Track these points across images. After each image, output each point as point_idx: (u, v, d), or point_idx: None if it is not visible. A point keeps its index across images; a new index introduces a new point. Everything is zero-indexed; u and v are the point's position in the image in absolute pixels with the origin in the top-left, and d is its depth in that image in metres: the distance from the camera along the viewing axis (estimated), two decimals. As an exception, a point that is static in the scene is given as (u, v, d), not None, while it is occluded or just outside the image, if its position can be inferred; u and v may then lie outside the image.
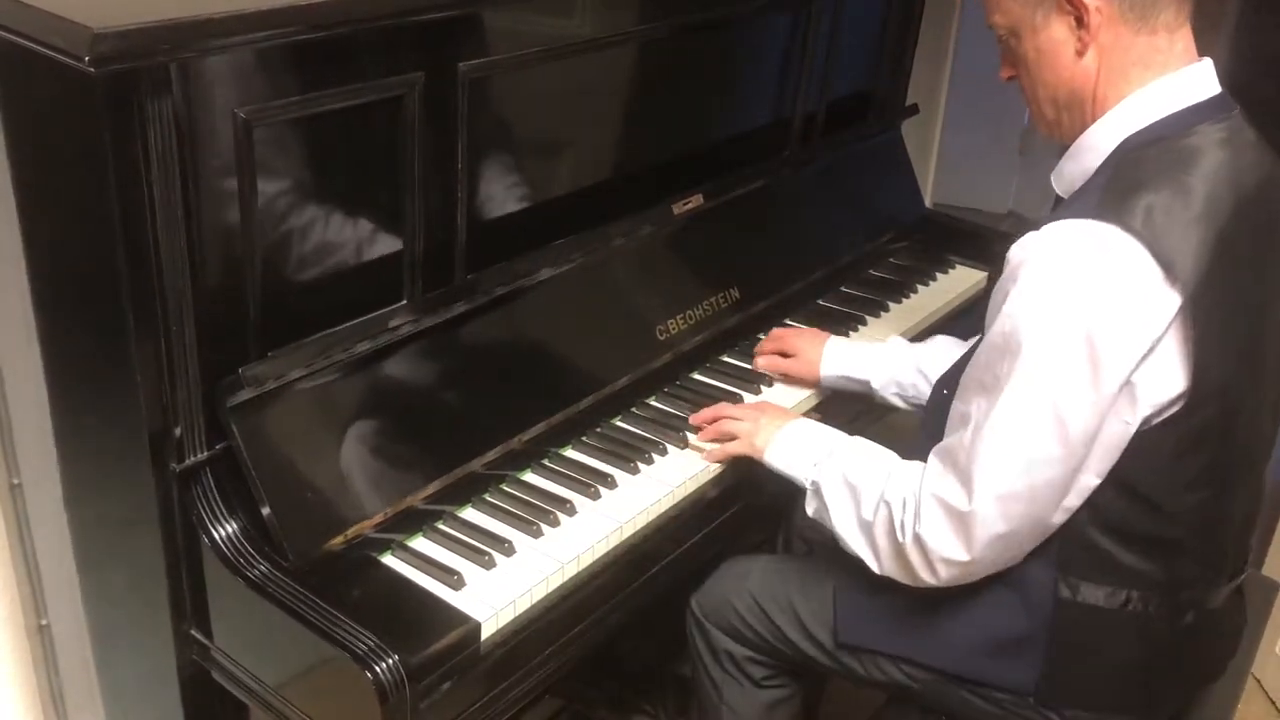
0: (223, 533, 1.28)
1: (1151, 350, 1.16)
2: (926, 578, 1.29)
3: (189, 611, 1.34)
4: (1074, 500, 1.23)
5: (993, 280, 1.29)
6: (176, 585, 1.32)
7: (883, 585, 1.40)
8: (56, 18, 1.07)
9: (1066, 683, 1.33)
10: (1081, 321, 1.15)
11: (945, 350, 1.64)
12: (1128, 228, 1.15)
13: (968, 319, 2.02)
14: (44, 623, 1.62)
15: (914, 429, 1.57)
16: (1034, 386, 1.18)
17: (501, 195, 1.57)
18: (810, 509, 1.43)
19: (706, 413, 1.63)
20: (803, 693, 1.63)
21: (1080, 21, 1.23)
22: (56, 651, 1.64)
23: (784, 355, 1.78)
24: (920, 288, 2.14)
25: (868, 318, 2.00)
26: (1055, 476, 1.20)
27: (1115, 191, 1.19)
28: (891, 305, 2.06)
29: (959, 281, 2.18)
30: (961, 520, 1.23)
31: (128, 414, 1.24)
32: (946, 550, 1.25)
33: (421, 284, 1.46)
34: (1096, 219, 1.16)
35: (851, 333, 1.96)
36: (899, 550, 1.29)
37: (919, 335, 1.98)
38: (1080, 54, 1.25)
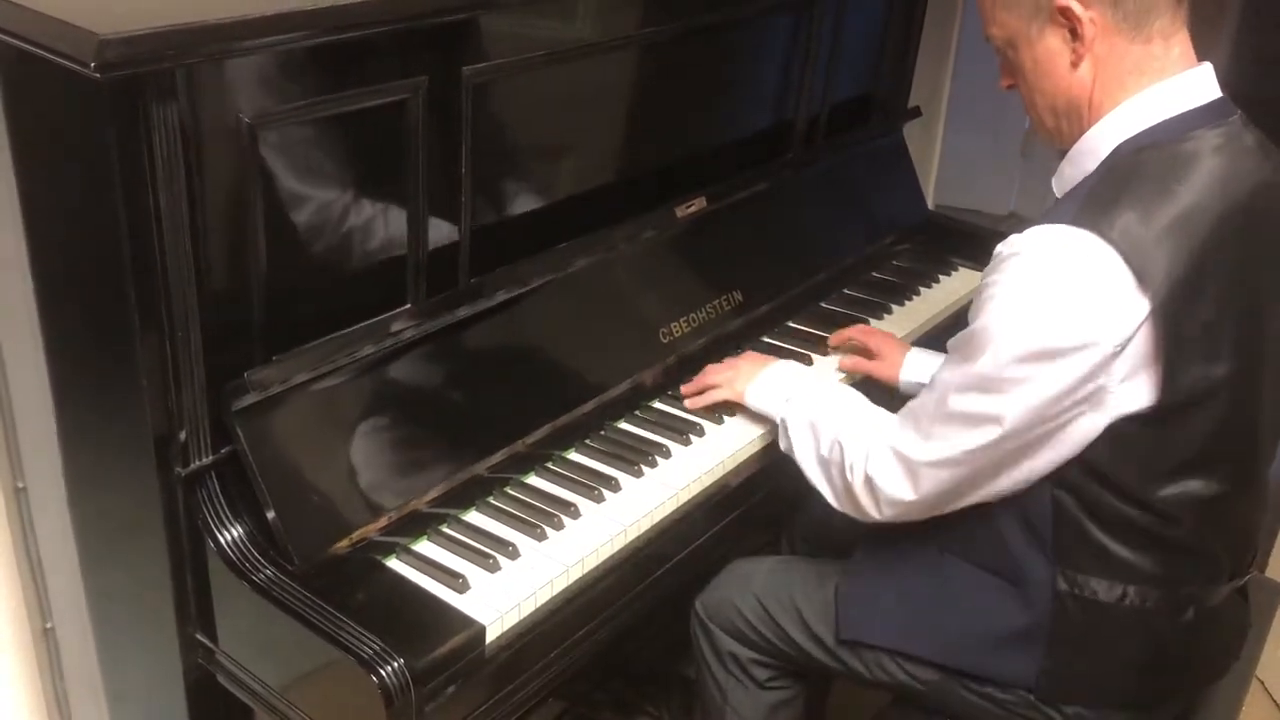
0: (228, 537, 1.28)
1: (1118, 354, 1.17)
2: (874, 514, 1.38)
3: (194, 615, 1.34)
4: (1018, 477, 1.28)
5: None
6: (181, 589, 1.32)
7: (885, 582, 1.41)
8: (63, 23, 1.07)
9: (1067, 677, 1.34)
10: (1045, 319, 1.18)
11: None
12: (1104, 235, 1.16)
13: (970, 321, 2.02)
14: (48, 626, 1.62)
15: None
16: (993, 372, 1.21)
17: (505, 199, 1.57)
18: (782, 444, 1.53)
19: (694, 384, 1.72)
20: (806, 694, 1.64)
21: (1074, 33, 1.24)
22: (61, 655, 1.65)
23: (865, 354, 1.82)
24: (923, 290, 2.14)
25: (870, 320, 2.00)
26: (995, 457, 1.26)
27: (1098, 199, 1.20)
28: (894, 307, 2.06)
29: (961, 284, 2.18)
30: (911, 469, 1.32)
31: (133, 417, 1.25)
32: (895, 492, 1.34)
33: (425, 288, 1.46)
34: (1073, 225, 1.18)
35: (854, 335, 1.95)
36: (849, 487, 1.38)
37: (922, 337, 1.99)
38: (1075, 64, 1.25)
